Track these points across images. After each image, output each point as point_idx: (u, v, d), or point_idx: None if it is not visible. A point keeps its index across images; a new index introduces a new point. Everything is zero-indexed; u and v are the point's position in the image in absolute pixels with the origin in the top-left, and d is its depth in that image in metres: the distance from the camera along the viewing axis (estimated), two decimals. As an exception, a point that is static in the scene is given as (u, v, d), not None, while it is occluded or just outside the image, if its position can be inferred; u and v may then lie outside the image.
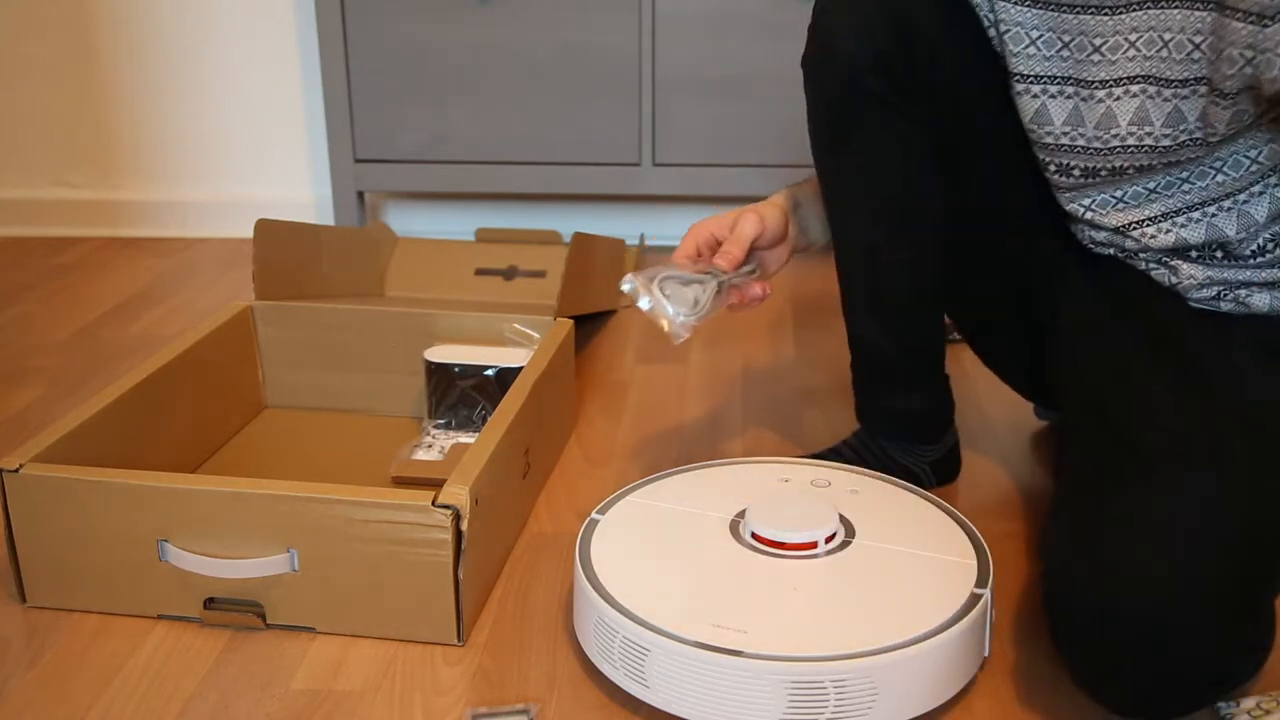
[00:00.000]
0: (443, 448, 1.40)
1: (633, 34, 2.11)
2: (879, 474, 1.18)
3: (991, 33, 1.08)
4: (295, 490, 1.06)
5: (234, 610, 1.09)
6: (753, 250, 1.17)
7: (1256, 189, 1.04)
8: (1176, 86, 0.99)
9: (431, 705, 1.00)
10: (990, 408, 1.54)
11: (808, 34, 1.13)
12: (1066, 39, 1.04)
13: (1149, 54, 0.99)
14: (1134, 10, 0.99)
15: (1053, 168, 1.11)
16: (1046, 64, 1.06)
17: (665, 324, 1.07)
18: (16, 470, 1.09)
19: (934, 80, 1.10)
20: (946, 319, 1.27)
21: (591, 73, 2.13)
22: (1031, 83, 1.08)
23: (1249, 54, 0.93)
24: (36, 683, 1.03)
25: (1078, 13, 1.02)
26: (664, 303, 1.06)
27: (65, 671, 1.05)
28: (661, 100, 2.14)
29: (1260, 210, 1.04)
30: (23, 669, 1.05)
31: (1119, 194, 1.09)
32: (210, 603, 1.10)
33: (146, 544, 1.09)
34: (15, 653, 1.07)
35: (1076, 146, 1.07)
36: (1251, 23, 0.92)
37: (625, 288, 1.08)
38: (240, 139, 2.38)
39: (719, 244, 1.16)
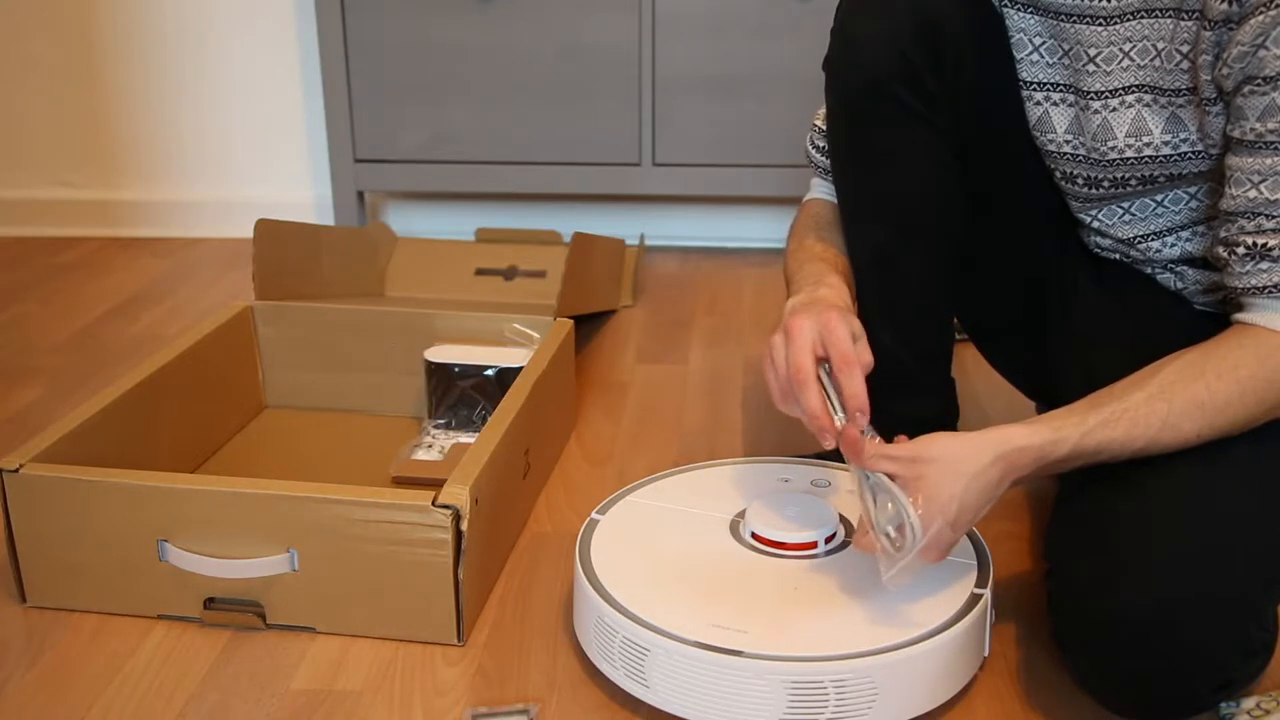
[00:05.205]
0: (443, 448, 1.40)
1: (633, 34, 2.11)
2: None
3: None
4: (295, 490, 1.06)
5: (234, 610, 1.09)
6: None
7: None
8: (1172, 95, 0.99)
9: (431, 705, 1.00)
10: (990, 407, 1.54)
11: (831, 36, 1.11)
12: (1065, 47, 1.04)
13: (1143, 63, 0.99)
14: (1127, 20, 0.99)
15: (1058, 175, 1.10)
16: (1049, 71, 1.06)
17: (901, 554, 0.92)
18: (16, 470, 1.09)
19: (958, 86, 1.08)
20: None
21: (591, 73, 2.13)
22: (1035, 89, 1.07)
23: (1209, 59, 0.93)
24: (36, 683, 1.03)
25: (1073, 22, 1.02)
26: (904, 565, 0.91)
27: (65, 671, 1.05)
28: (661, 100, 2.14)
29: None
30: (23, 669, 1.05)
31: (1126, 205, 1.09)
32: (210, 603, 1.09)
33: (146, 544, 1.09)
34: (15, 653, 1.07)
35: (1078, 155, 1.06)
36: (1215, 29, 0.92)
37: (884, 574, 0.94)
38: (240, 139, 2.38)
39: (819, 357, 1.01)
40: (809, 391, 0.98)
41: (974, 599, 0.98)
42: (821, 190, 1.24)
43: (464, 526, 1.04)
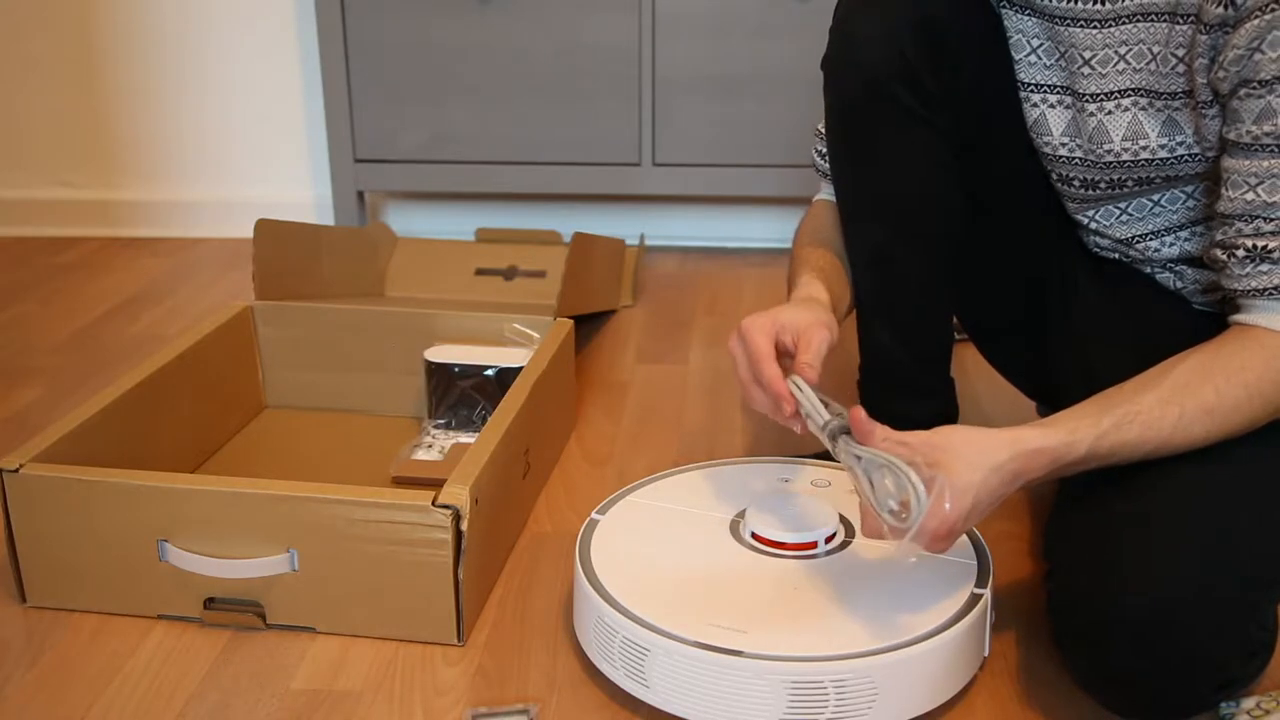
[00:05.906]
0: (443, 448, 1.40)
1: (633, 34, 2.11)
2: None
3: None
4: (295, 490, 1.06)
5: (234, 610, 1.09)
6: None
7: None
8: (1168, 98, 0.99)
9: (431, 705, 1.00)
10: (991, 408, 1.54)
11: (830, 36, 1.11)
12: (1061, 49, 1.04)
13: (1139, 66, 0.99)
14: (1123, 24, 0.99)
15: (1054, 177, 1.10)
16: (1046, 73, 1.06)
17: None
18: (16, 470, 1.09)
19: (957, 86, 1.08)
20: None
21: (591, 73, 2.13)
22: (1032, 91, 1.07)
23: (1205, 62, 0.93)
24: (36, 683, 1.03)
25: (1068, 25, 1.02)
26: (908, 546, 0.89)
27: (65, 671, 1.05)
28: (661, 100, 2.14)
29: None
30: (23, 669, 1.05)
31: (1122, 205, 1.09)
32: (210, 603, 1.10)
33: (146, 544, 1.09)
34: (15, 653, 1.07)
35: (1074, 158, 1.06)
36: (1211, 32, 0.92)
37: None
38: (240, 139, 2.38)
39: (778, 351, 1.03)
40: (784, 413, 1.00)
41: (974, 599, 0.98)
42: (825, 193, 1.25)
43: (464, 526, 1.04)
